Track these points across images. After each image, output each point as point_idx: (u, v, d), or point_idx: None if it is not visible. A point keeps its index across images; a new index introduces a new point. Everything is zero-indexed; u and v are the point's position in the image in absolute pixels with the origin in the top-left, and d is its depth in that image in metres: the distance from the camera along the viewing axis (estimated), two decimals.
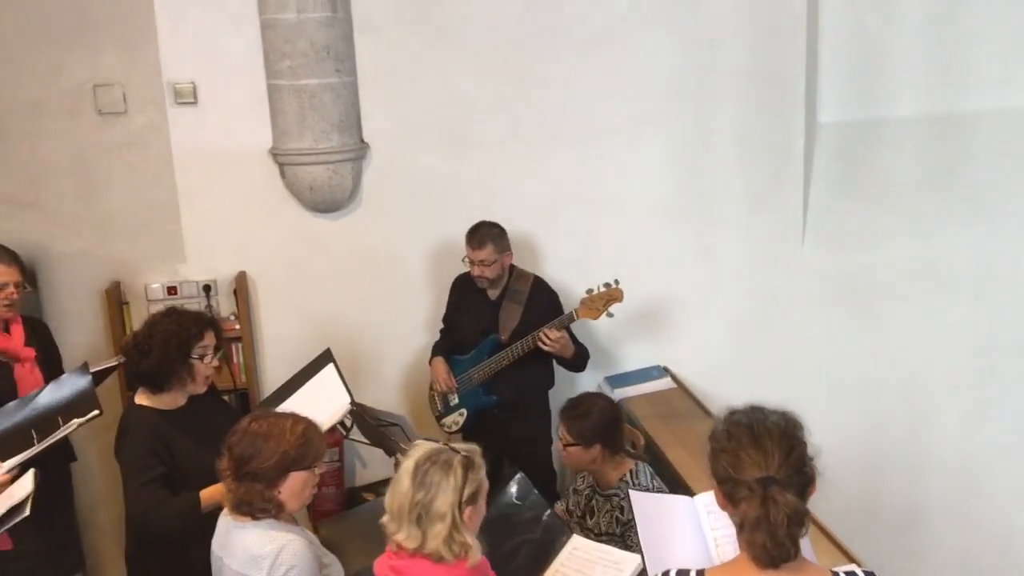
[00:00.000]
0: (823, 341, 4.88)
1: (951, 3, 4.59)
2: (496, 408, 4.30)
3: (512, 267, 4.31)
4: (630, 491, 2.70)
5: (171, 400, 3.14)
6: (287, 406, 3.30)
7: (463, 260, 4.22)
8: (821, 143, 4.80)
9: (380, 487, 4.59)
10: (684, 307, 4.81)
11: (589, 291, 4.12)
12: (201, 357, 3.11)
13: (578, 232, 4.71)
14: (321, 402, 3.39)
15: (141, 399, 3.14)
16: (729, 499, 2.01)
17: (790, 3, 4.58)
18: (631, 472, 3.40)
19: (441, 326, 4.51)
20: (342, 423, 3.73)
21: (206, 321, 3.20)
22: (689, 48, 4.57)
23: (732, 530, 2.26)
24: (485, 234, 4.16)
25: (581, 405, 3.47)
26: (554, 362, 4.30)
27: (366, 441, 4.05)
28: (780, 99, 4.69)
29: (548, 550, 2.85)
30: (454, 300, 4.45)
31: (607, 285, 4.10)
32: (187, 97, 4.32)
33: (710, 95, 4.64)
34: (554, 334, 4.06)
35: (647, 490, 3.32)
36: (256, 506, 2.57)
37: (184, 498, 2.99)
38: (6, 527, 2.38)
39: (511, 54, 4.51)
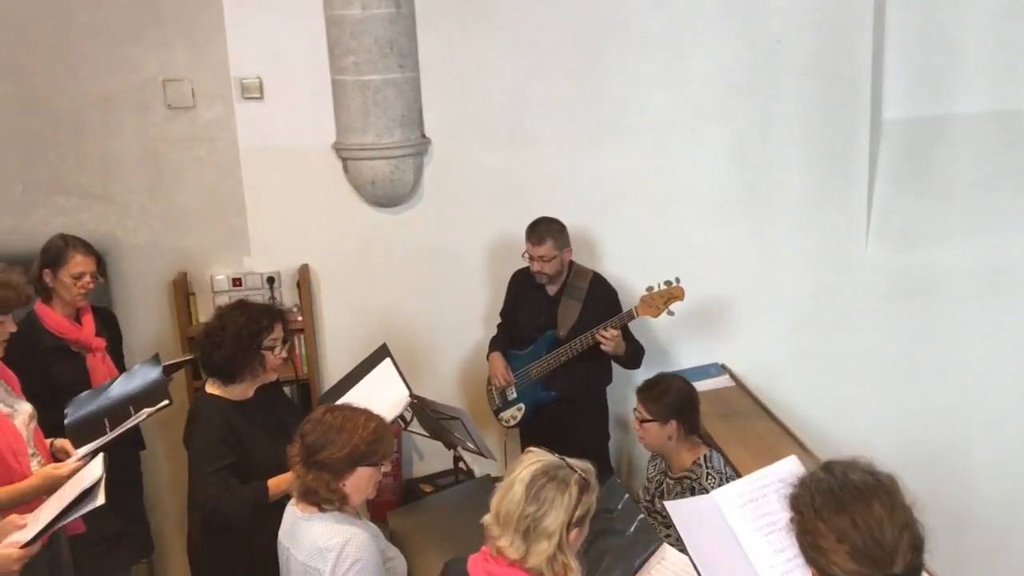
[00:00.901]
0: (886, 340, 4.82)
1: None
2: (554, 403, 4.31)
3: (571, 263, 4.32)
4: (665, 502, 2.62)
5: (241, 391, 3.21)
6: (346, 400, 3.35)
7: (523, 255, 4.24)
8: (886, 140, 4.74)
9: (437, 479, 4.67)
10: (743, 305, 4.78)
11: (649, 289, 4.12)
12: (271, 348, 3.18)
13: (636, 229, 4.70)
14: (380, 396, 3.43)
15: (212, 389, 3.21)
16: None
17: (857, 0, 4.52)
18: (705, 456, 3.41)
19: (499, 320, 4.54)
20: (402, 416, 3.79)
21: (275, 313, 3.26)
22: (752, 44, 4.53)
23: (760, 522, 2.21)
24: (545, 230, 4.17)
25: (660, 384, 3.50)
26: (611, 359, 4.30)
27: (426, 434, 4.10)
28: (845, 95, 4.63)
29: (634, 556, 2.84)
30: (513, 295, 4.47)
31: (667, 283, 4.09)
32: (254, 92, 4.39)
33: (773, 91, 4.59)
34: (612, 332, 4.06)
35: (720, 474, 3.32)
36: (321, 496, 2.62)
37: (253, 487, 3.05)
38: (80, 513, 2.46)
39: (572, 49, 4.51)
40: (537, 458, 2.32)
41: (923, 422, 4.84)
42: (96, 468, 2.53)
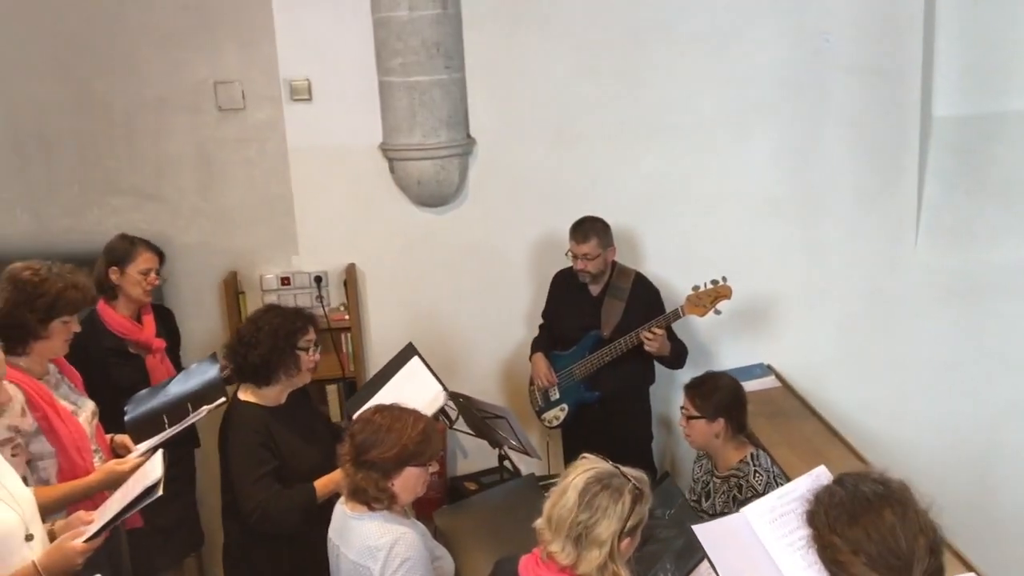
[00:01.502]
0: (935, 341, 4.74)
1: None
2: (597, 404, 4.31)
3: (614, 263, 4.32)
4: (693, 527, 2.54)
5: (275, 396, 3.24)
6: (376, 401, 3.38)
7: (566, 254, 4.25)
8: (936, 137, 4.68)
9: (482, 477, 4.69)
10: (789, 305, 4.74)
11: (695, 288, 4.11)
12: (305, 349, 3.23)
13: (682, 228, 4.69)
14: (412, 395, 3.42)
15: (245, 395, 3.25)
16: None
17: None
18: (752, 455, 3.39)
19: (540, 322, 4.55)
20: (445, 414, 3.82)
21: (307, 317, 3.33)
22: (800, 41, 4.49)
23: (792, 536, 2.18)
24: (589, 228, 4.18)
25: (708, 381, 3.49)
26: (654, 359, 4.30)
27: (471, 432, 4.13)
28: (894, 92, 4.57)
29: (689, 557, 2.84)
30: (555, 296, 4.47)
31: (714, 282, 4.08)
32: (302, 94, 4.45)
33: (821, 88, 4.55)
34: (657, 331, 4.06)
35: (768, 472, 3.31)
36: (370, 494, 2.65)
37: (300, 490, 3.09)
38: (141, 506, 2.52)
39: (618, 48, 4.51)
40: (591, 465, 2.32)
41: (972, 424, 4.77)
42: (157, 464, 2.59)
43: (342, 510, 2.77)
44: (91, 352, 3.33)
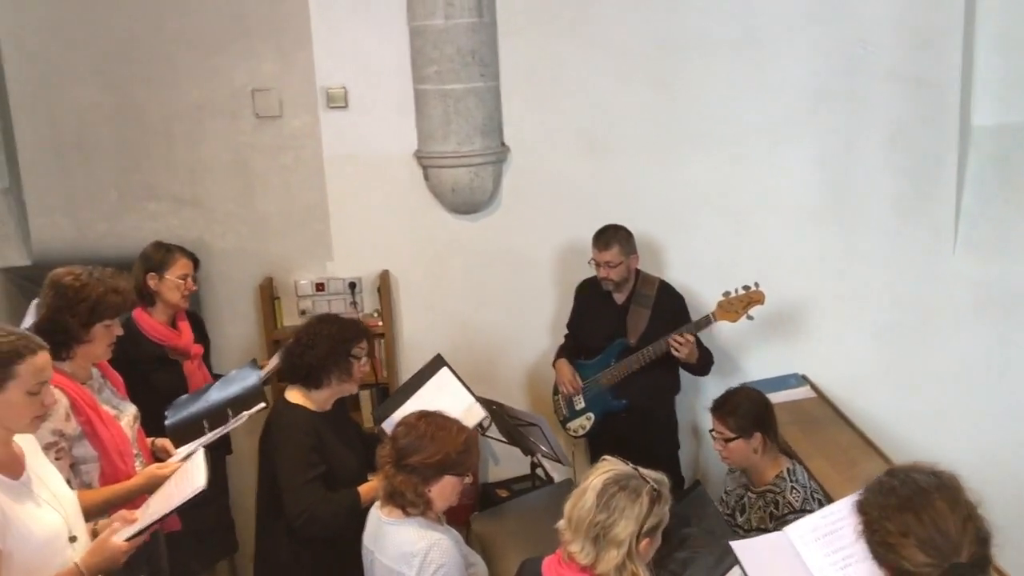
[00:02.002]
0: (973, 353, 4.68)
1: None
2: (624, 412, 4.30)
3: (638, 271, 4.32)
4: (732, 543, 2.54)
5: (323, 401, 3.28)
6: (404, 412, 3.38)
7: (589, 262, 4.26)
8: (975, 147, 4.64)
9: (513, 484, 4.69)
10: (824, 315, 4.71)
11: (726, 294, 4.10)
12: (358, 357, 3.28)
13: (715, 237, 4.67)
14: (443, 406, 3.43)
15: (295, 397, 3.27)
16: None
17: (946, 5, 4.41)
18: (788, 470, 3.35)
19: (566, 332, 4.55)
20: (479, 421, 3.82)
21: (361, 328, 3.40)
22: (838, 50, 4.46)
23: (835, 556, 2.18)
24: (611, 236, 4.19)
25: (731, 399, 3.44)
26: (680, 366, 4.29)
27: (503, 439, 4.14)
28: (933, 102, 4.52)
29: (716, 567, 2.83)
30: (579, 305, 4.48)
31: (746, 288, 4.07)
32: (339, 102, 4.49)
33: (858, 97, 4.51)
34: (687, 338, 4.06)
35: (805, 488, 3.27)
36: (407, 499, 2.68)
37: (346, 494, 3.12)
38: (186, 506, 2.56)
39: (653, 57, 4.51)
40: (610, 467, 2.36)
41: (1011, 437, 4.70)
42: (200, 464, 2.63)
43: (377, 515, 2.80)
44: (132, 358, 3.36)
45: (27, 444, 2.50)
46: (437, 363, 3.70)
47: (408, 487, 2.67)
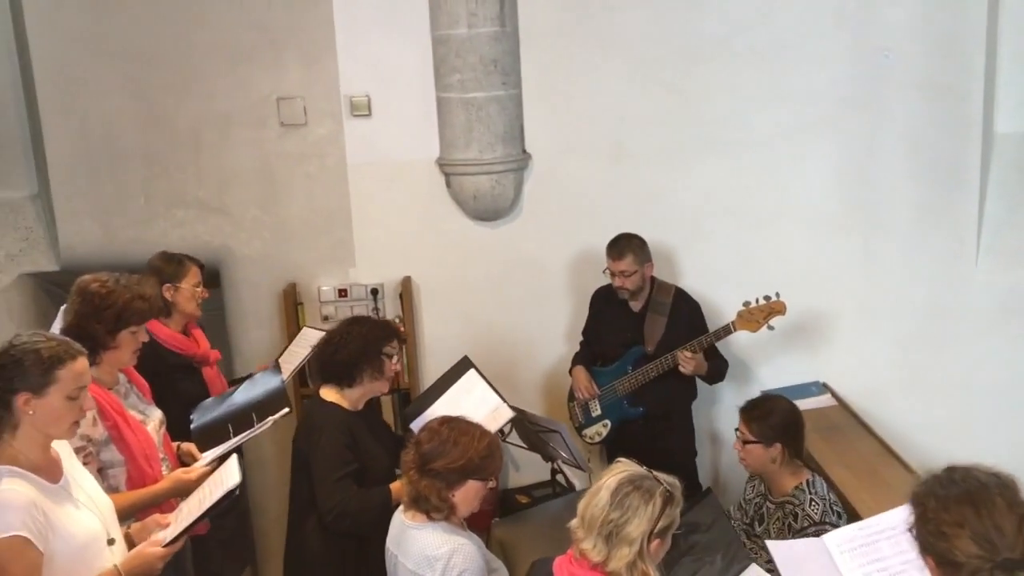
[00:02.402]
0: (995, 361, 4.67)
1: None
2: (642, 420, 4.31)
3: (653, 279, 4.34)
4: (767, 541, 2.66)
5: (355, 400, 3.34)
6: (432, 413, 3.43)
7: (604, 271, 4.28)
8: (998, 154, 4.62)
9: (533, 490, 4.71)
10: (845, 323, 4.70)
11: (746, 303, 4.10)
12: (390, 356, 3.34)
13: (735, 244, 4.68)
14: (470, 408, 3.47)
15: (329, 395, 3.33)
16: None
17: (969, 12, 4.41)
18: (807, 482, 3.32)
19: (581, 338, 4.57)
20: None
21: (394, 329, 3.46)
22: (860, 57, 4.47)
23: (871, 567, 2.18)
24: (625, 245, 4.21)
25: (764, 404, 3.42)
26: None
27: (523, 445, 4.16)
28: (955, 108, 4.52)
29: (725, 572, 2.84)
30: (594, 313, 4.50)
31: (767, 298, 4.07)
32: (362, 110, 4.53)
33: (881, 105, 4.51)
34: (689, 354, 4.09)
35: (824, 500, 3.25)
36: (431, 503, 2.70)
37: (378, 491, 3.17)
38: (219, 510, 2.60)
39: (675, 64, 4.52)
40: (625, 468, 2.40)
41: None
42: (234, 468, 2.66)
43: (400, 519, 2.83)
44: (154, 370, 3.39)
45: (61, 449, 2.55)
46: (464, 365, 3.74)
47: (432, 492, 2.69)
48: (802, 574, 2.43)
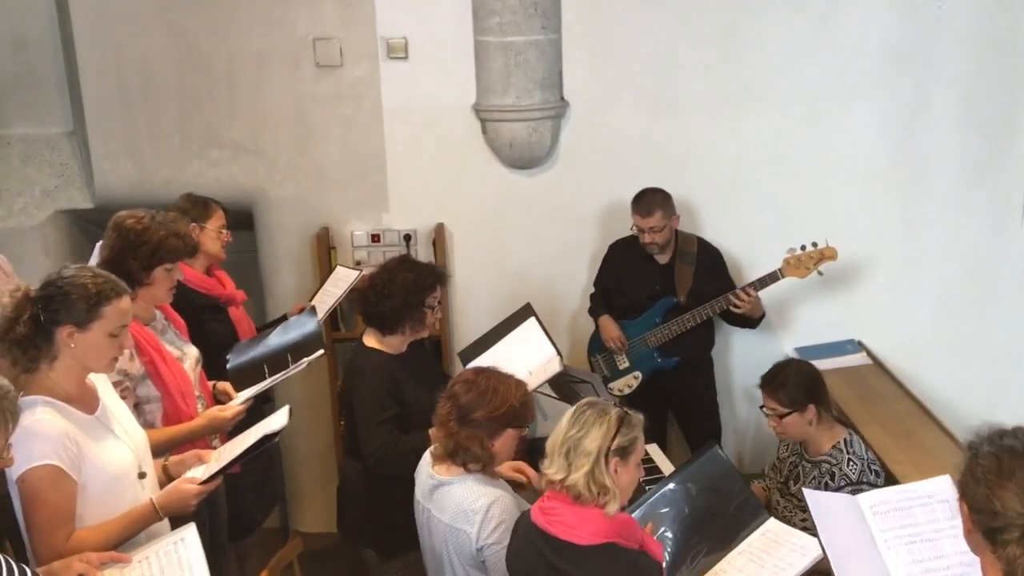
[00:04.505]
0: None
1: None
2: (671, 370, 4.32)
3: (676, 230, 4.31)
4: (804, 490, 2.70)
5: (397, 344, 3.35)
6: (489, 357, 3.43)
7: (631, 228, 4.23)
8: None
9: None
10: (885, 281, 4.62)
11: (791, 250, 4.10)
12: (432, 307, 3.33)
13: (776, 197, 4.59)
14: (523, 356, 3.48)
15: (371, 342, 3.35)
16: (988, 536, 1.81)
17: None
18: (844, 440, 3.29)
19: (592, 291, 4.54)
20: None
21: (438, 274, 3.43)
22: (912, 9, 4.33)
23: (902, 531, 2.17)
24: (651, 200, 4.19)
25: (779, 374, 3.37)
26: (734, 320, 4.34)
27: (554, 395, 4.14)
28: (1008, 64, 4.39)
29: (739, 527, 2.83)
30: (615, 265, 4.46)
31: (814, 244, 4.08)
32: (399, 52, 4.45)
33: (931, 58, 4.38)
34: (751, 293, 4.10)
35: (862, 460, 3.23)
36: (472, 454, 2.69)
37: (416, 436, 3.17)
38: (258, 452, 2.62)
39: (717, 12, 4.41)
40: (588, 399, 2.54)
41: None
42: (283, 415, 2.68)
43: (428, 472, 2.80)
44: (187, 311, 3.39)
45: (99, 381, 2.57)
46: (525, 312, 3.75)
47: (474, 442, 2.68)
48: (833, 526, 2.45)
